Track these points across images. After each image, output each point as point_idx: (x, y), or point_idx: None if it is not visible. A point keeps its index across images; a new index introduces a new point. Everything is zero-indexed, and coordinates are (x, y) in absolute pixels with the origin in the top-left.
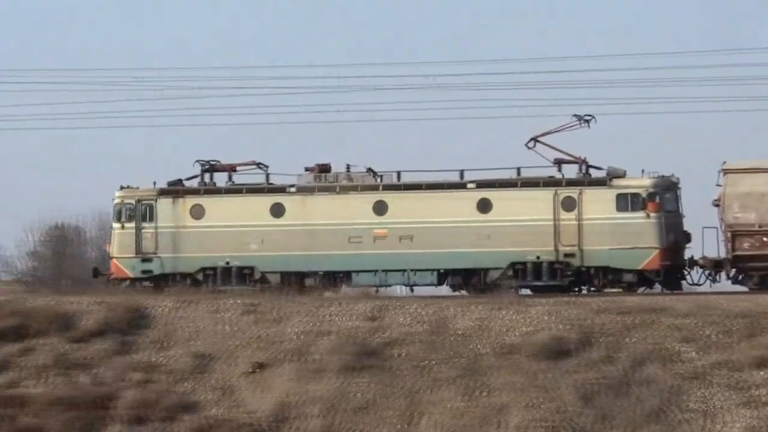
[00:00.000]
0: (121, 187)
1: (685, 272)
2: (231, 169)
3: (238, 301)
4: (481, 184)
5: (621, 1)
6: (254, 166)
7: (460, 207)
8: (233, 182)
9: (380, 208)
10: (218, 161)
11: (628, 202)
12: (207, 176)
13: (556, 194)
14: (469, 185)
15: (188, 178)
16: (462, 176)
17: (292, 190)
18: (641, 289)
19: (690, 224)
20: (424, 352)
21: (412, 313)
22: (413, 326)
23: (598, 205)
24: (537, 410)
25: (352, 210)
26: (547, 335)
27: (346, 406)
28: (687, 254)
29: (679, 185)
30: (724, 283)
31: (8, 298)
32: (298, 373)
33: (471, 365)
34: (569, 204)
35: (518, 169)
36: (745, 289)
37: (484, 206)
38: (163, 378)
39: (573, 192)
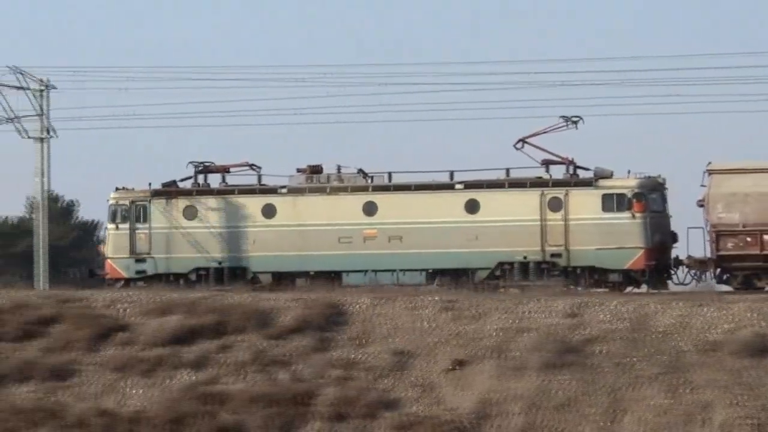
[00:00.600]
0: (116, 189)
1: (672, 272)
2: (224, 170)
3: (436, 298)
4: (469, 185)
5: (614, 2)
6: (247, 167)
7: (448, 207)
8: (226, 183)
9: (370, 209)
10: (212, 162)
11: (613, 202)
12: (201, 177)
13: (542, 195)
14: (457, 186)
15: (182, 179)
16: (452, 177)
17: (284, 191)
18: (629, 289)
19: (681, 225)
20: (625, 349)
21: (612, 310)
22: (613, 323)
23: (584, 205)
24: (742, 408)
25: (343, 211)
26: (750, 332)
27: (547, 404)
28: (675, 254)
29: (666, 186)
30: (710, 283)
31: (205, 295)
32: (498, 370)
33: (673, 362)
34: (556, 204)
35: (507, 170)
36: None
37: (472, 207)
38: (362, 375)
39: (559, 192)
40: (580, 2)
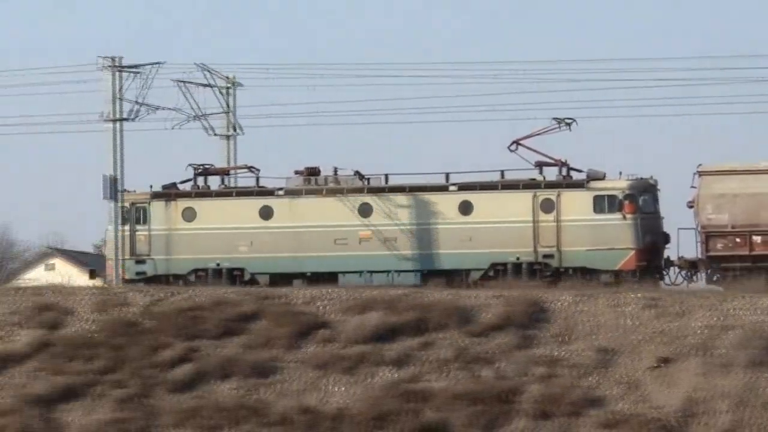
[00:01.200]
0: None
1: (664, 273)
2: (224, 172)
3: (639, 296)
4: (463, 187)
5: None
6: (246, 170)
7: (442, 209)
8: (225, 185)
9: (365, 211)
10: (212, 164)
11: (605, 203)
12: (201, 180)
13: (535, 196)
14: (451, 188)
15: (182, 182)
16: (447, 179)
17: (280, 192)
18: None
19: (675, 225)
20: None
21: None
22: None
23: (576, 206)
24: None
25: (338, 212)
26: None
27: (755, 402)
28: (666, 255)
29: (658, 187)
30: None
31: (405, 293)
32: (704, 367)
33: None
34: (548, 206)
35: (502, 171)
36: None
37: (466, 208)
38: (566, 372)
39: (552, 194)
40: (576, 3)
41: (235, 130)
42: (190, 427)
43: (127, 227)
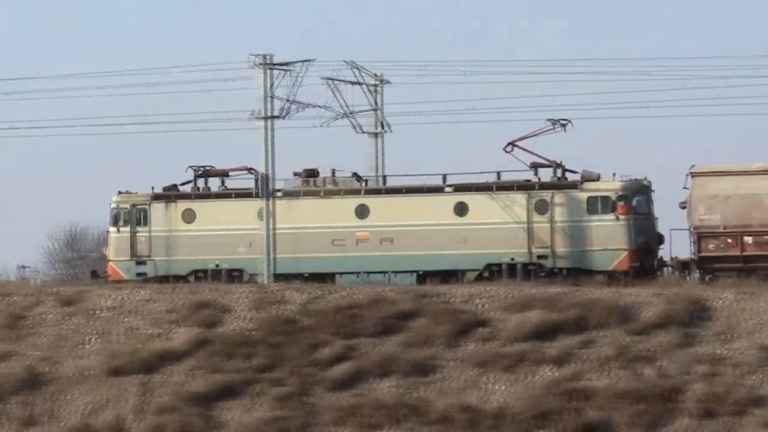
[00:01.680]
0: (119, 192)
1: (658, 273)
2: (224, 174)
3: None
4: (458, 188)
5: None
6: (246, 171)
7: (438, 210)
8: (225, 187)
9: (362, 212)
10: (212, 166)
11: (598, 204)
12: (201, 181)
13: (529, 197)
14: (447, 189)
15: (183, 183)
16: (444, 180)
17: (279, 194)
18: None
19: (672, 226)
20: None
21: None
22: None
23: (569, 207)
24: None
25: (336, 213)
26: None
27: None
28: (661, 256)
29: (652, 188)
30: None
31: (564, 291)
32: None
33: None
34: (542, 207)
35: (498, 173)
36: None
37: (461, 209)
38: (729, 371)
39: (546, 195)
40: (575, 3)
41: (383, 127)
42: (350, 425)
43: (127, 228)
